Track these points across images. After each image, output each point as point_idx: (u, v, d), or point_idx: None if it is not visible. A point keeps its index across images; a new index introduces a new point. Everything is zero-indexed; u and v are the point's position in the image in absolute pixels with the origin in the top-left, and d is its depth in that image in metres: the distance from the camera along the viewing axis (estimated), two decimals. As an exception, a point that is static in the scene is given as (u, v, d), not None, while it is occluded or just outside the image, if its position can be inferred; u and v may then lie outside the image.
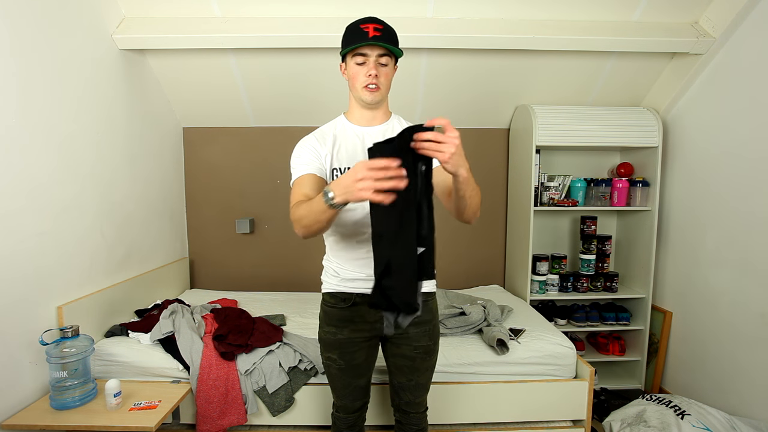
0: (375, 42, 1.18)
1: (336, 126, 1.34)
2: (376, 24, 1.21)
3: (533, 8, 2.20)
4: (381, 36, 1.19)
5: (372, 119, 1.32)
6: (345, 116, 1.36)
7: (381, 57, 1.22)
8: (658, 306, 2.62)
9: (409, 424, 1.44)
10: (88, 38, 1.98)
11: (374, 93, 1.24)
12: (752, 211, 2.01)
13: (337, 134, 1.31)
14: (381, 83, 1.24)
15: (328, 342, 1.35)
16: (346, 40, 1.25)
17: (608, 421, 2.09)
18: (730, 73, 2.16)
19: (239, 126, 2.90)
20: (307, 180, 1.22)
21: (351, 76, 1.26)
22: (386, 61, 1.24)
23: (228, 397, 1.77)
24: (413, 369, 1.36)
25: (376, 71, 1.22)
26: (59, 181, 1.79)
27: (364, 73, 1.22)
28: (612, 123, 2.56)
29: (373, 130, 1.32)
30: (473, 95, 2.69)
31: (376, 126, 1.32)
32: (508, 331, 2.03)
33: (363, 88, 1.24)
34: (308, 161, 1.25)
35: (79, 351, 1.61)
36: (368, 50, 1.21)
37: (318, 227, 1.10)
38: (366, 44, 1.19)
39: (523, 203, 2.69)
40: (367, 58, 1.22)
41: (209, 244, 3.00)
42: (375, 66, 1.22)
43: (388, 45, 1.20)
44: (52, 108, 1.76)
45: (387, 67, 1.25)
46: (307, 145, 1.29)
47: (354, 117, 1.33)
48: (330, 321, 1.34)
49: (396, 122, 1.35)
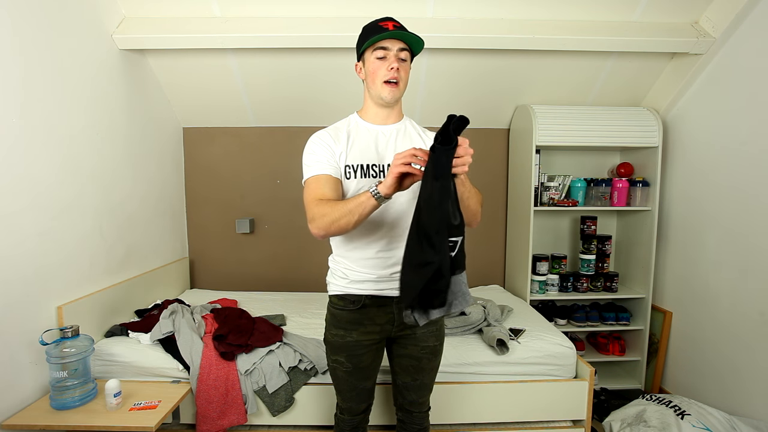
0: (396, 34, 1.20)
1: (350, 123, 1.33)
2: (394, 22, 1.25)
3: (533, 8, 2.20)
4: (401, 30, 1.22)
5: (386, 118, 1.32)
6: (358, 114, 1.35)
7: (401, 52, 1.23)
8: (658, 306, 2.62)
9: (411, 424, 1.44)
10: (88, 38, 1.98)
11: (394, 90, 1.24)
12: (752, 211, 2.01)
13: (351, 131, 1.30)
14: (401, 78, 1.25)
15: (336, 345, 1.33)
16: (364, 36, 1.26)
17: (608, 421, 2.09)
18: (730, 73, 2.16)
19: (239, 126, 2.90)
20: (324, 181, 1.22)
21: (371, 72, 1.26)
22: (405, 57, 1.25)
23: (228, 397, 1.77)
24: (419, 369, 1.36)
25: (398, 65, 1.23)
26: (59, 181, 1.79)
27: (386, 66, 1.23)
28: (612, 123, 2.56)
29: (387, 129, 1.31)
30: (473, 95, 2.69)
31: (390, 125, 1.32)
32: (508, 331, 2.03)
33: (383, 84, 1.24)
34: (324, 159, 1.24)
35: (79, 351, 1.61)
36: (389, 44, 1.23)
37: (355, 224, 1.12)
38: (387, 37, 1.21)
39: (523, 203, 2.69)
40: (388, 52, 1.23)
41: (209, 244, 3.00)
42: (396, 59, 1.23)
43: (411, 34, 1.21)
44: (52, 108, 1.76)
45: (406, 63, 1.26)
46: (322, 142, 1.27)
47: (368, 115, 1.33)
48: (338, 324, 1.32)
49: (408, 123, 1.36)
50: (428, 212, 1.02)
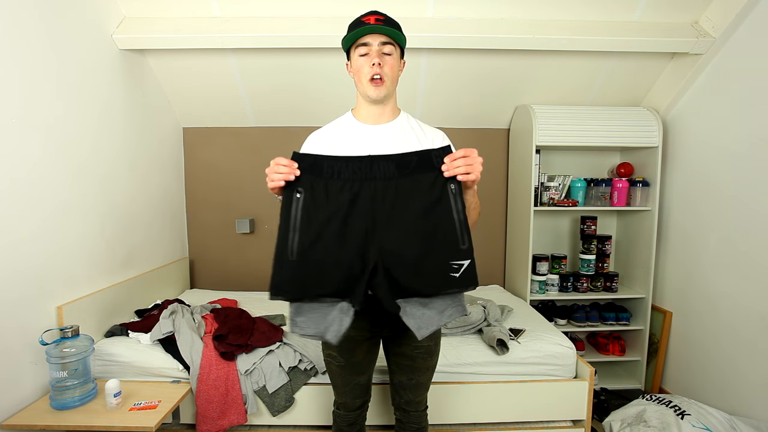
0: (375, 28, 1.18)
1: (341, 124, 1.32)
2: (377, 15, 1.22)
3: (533, 8, 2.20)
4: (382, 24, 1.19)
5: (379, 116, 1.29)
6: (352, 113, 1.34)
7: (384, 45, 1.21)
8: (658, 306, 2.62)
9: (409, 423, 1.44)
10: (88, 38, 1.98)
11: (379, 87, 1.22)
12: (752, 211, 2.01)
13: (340, 131, 1.30)
14: (385, 74, 1.22)
15: None
16: (347, 33, 1.25)
17: (608, 421, 2.09)
18: (730, 73, 2.16)
19: (239, 126, 2.90)
20: None
21: (356, 70, 1.25)
22: (390, 51, 1.22)
23: (228, 397, 1.77)
24: (414, 368, 1.36)
25: (380, 60, 1.20)
26: (59, 182, 1.79)
27: (368, 63, 1.21)
28: (612, 123, 2.56)
29: (380, 129, 1.29)
30: (473, 95, 2.69)
31: (383, 124, 1.30)
32: (508, 331, 2.03)
33: (368, 81, 1.22)
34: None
35: (79, 351, 1.61)
36: (370, 38, 1.20)
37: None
38: (367, 32, 1.19)
39: (523, 203, 2.69)
40: (369, 48, 1.21)
41: (209, 244, 3.00)
42: (378, 54, 1.20)
43: (389, 28, 1.19)
44: (52, 108, 1.76)
45: (391, 57, 1.23)
46: (310, 144, 1.30)
47: (361, 114, 1.31)
48: None
49: (404, 120, 1.32)
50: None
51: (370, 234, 1.10)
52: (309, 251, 1.10)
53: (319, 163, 1.11)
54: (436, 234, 1.10)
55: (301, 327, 1.14)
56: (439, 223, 1.10)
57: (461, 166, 1.07)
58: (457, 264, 1.09)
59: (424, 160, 1.11)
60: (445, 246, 1.10)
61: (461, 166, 1.07)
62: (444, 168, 1.09)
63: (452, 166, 1.08)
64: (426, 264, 1.10)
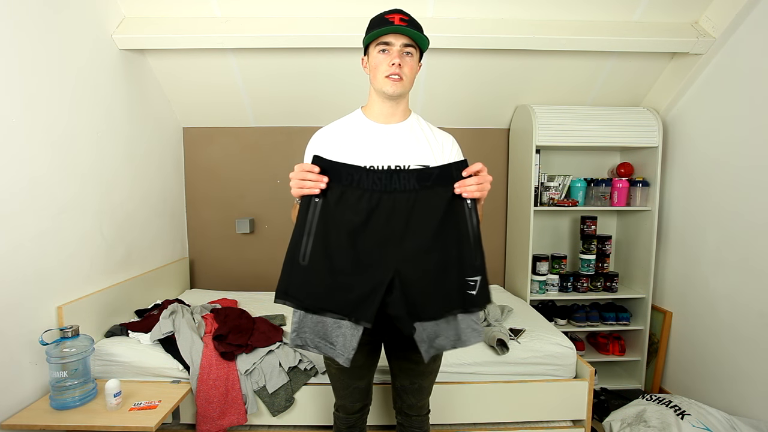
0: (400, 29, 1.17)
1: (350, 122, 1.30)
2: (402, 15, 1.20)
3: (533, 8, 2.20)
4: (407, 25, 1.18)
5: (391, 116, 1.27)
6: (362, 111, 1.31)
7: (406, 47, 1.20)
8: (658, 306, 2.62)
9: (411, 427, 1.43)
10: (88, 38, 1.98)
11: (396, 84, 1.20)
12: (752, 211, 2.01)
13: (350, 131, 1.27)
14: (404, 74, 1.21)
15: None
16: (369, 29, 1.23)
17: (608, 421, 2.09)
18: (730, 73, 2.16)
19: (239, 126, 2.90)
20: None
21: (373, 66, 1.23)
22: (411, 52, 1.22)
23: (228, 397, 1.77)
24: (417, 373, 1.35)
25: (400, 60, 1.19)
26: (59, 181, 1.79)
27: (387, 62, 1.20)
28: (612, 123, 2.56)
29: (391, 129, 1.27)
30: (473, 95, 2.69)
31: (394, 124, 1.28)
32: (508, 331, 2.03)
33: (385, 78, 1.20)
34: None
35: (79, 351, 1.61)
36: (392, 38, 1.19)
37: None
38: (391, 32, 1.18)
39: (523, 203, 2.69)
40: (390, 47, 1.20)
41: (209, 244, 3.00)
42: (399, 55, 1.19)
43: (414, 31, 1.18)
44: (52, 108, 1.76)
45: (412, 58, 1.22)
46: (317, 142, 1.28)
47: (372, 113, 1.29)
48: None
49: (415, 121, 1.31)
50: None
51: (386, 247, 1.08)
52: (321, 258, 1.08)
53: (337, 170, 1.09)
54: (453, 249, 1.10)
55: (303, 339, 1.14)
56: (456, 238, 1.10)
57: (473, 185, 1.09)
58: (472, 281, 1.09)
59: (444, 174, 1.11)
60: (460, 261, 1.10)
61: (473, 185, 1.09)
62: (456, 185, 1.10)
63: (464, 184, 1.10)
64: (443, 279, 1.09)
